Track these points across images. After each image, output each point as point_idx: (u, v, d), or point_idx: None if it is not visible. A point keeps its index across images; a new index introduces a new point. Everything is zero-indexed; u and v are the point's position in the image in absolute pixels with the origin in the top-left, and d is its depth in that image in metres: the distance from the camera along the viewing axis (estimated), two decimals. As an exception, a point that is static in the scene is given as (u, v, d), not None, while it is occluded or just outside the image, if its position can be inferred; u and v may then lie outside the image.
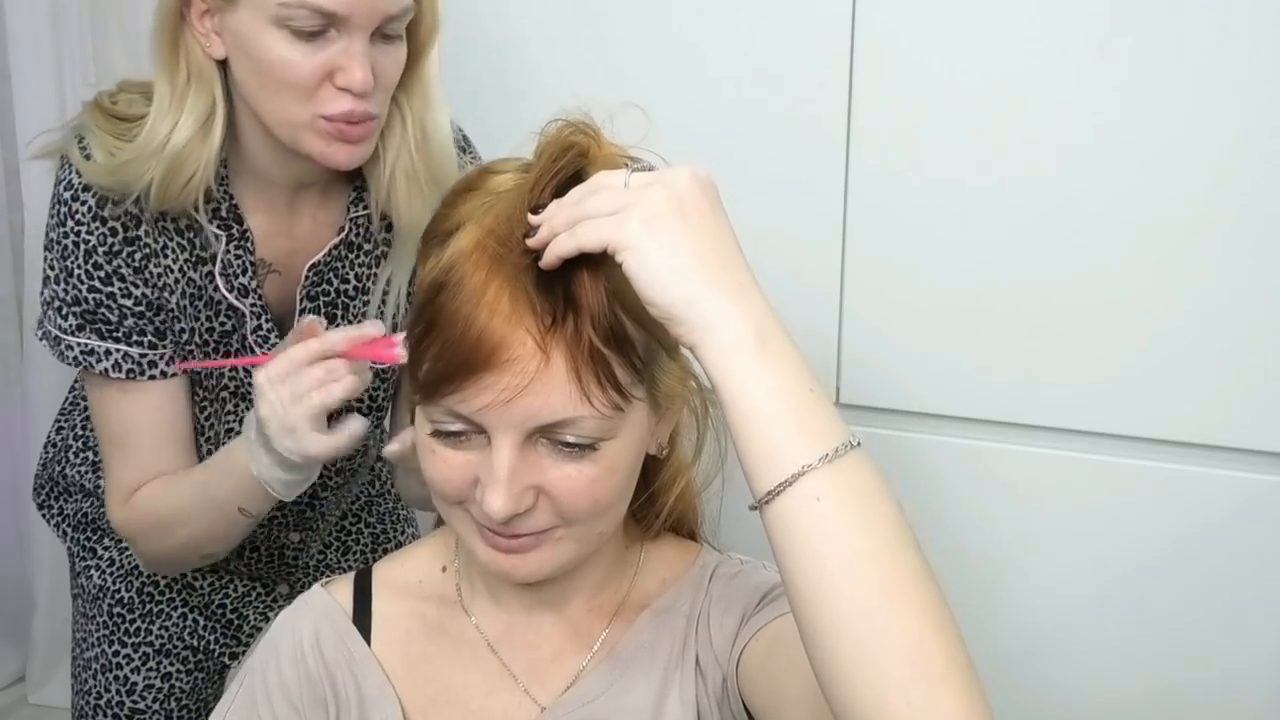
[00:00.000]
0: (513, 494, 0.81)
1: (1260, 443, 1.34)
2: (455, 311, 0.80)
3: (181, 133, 1.17)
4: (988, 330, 1.40)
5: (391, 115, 1.24)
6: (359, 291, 1.32)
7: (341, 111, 1.15)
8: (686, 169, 0.76)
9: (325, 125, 1.17)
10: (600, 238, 0.75)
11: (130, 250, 1.22)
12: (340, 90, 1.15)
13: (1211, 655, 1.40)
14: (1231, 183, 1.29)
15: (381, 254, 1.32)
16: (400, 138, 1.24)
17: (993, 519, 1.45)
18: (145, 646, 1.43)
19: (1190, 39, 1.28)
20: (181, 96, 1.18)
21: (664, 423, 0.90)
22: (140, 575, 1.43)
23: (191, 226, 1.24)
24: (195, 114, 1.18)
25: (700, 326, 0.73)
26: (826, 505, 0.70)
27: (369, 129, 1.19)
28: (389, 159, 1.25)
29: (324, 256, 1.30)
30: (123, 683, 1.43)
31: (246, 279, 1.26)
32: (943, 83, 1.37)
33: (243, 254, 1.26)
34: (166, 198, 1.19)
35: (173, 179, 1.18)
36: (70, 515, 1.47)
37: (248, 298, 1.27)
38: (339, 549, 1.52)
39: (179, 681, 1.45)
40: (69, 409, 1.48)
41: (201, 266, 1.25)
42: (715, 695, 0.90)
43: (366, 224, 1.31)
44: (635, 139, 0.87)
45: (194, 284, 1.26)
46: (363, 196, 1.30)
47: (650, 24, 1.47)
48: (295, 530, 1.43)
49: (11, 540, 2.54)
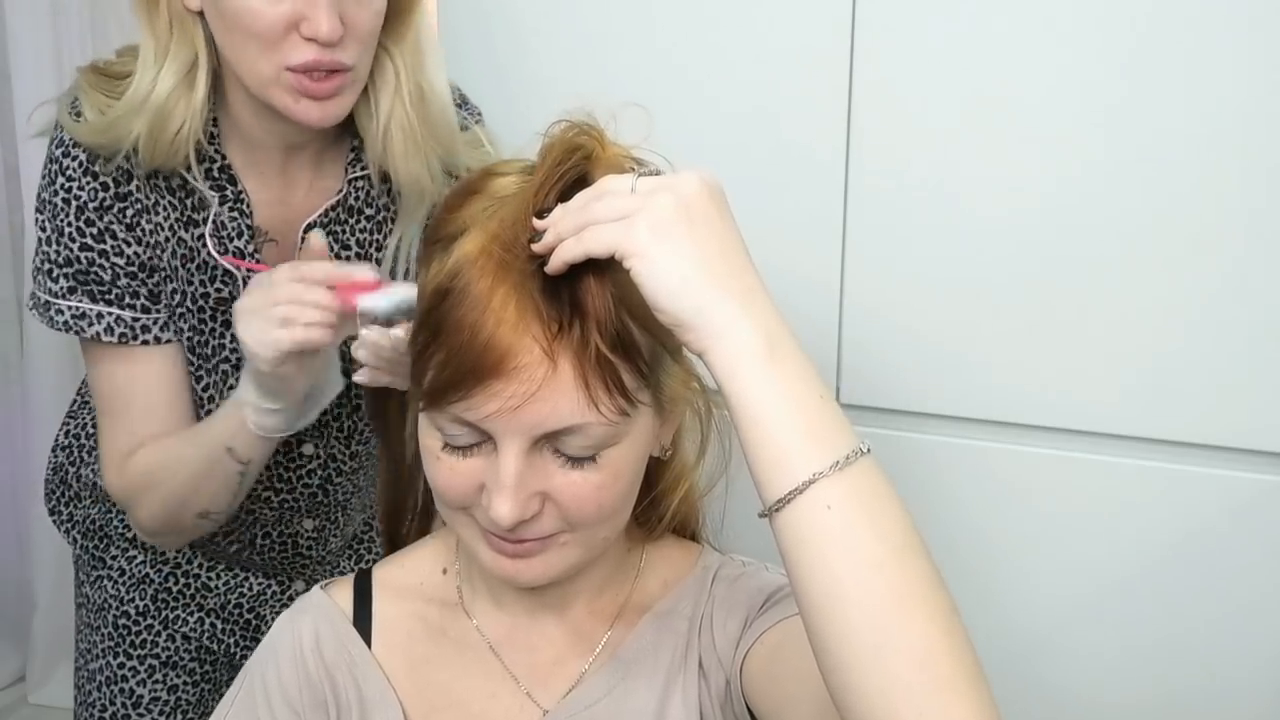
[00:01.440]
0: (519, 501, 0.81)
1: (1260, 443, 1.34)
2: (461, 319, 0.80)
3: (164, 83, 1.15)
4: (988, 330, 1.40)
5: (384, 69, 1.21)
6: (360, 258, 1.30)
7: (305, 61, 1.12)
8: (694, 174, 0.76)
9: (292, 79, 1.13)
10: (607, 244, 0.75)
11: (122, 206, 1.20)
12: (307, 40, 1.11)
13: (1212, 655, 1.40)
14: (1233, 183, 1.29)
15: (384, 219, 1.30)
16: (394, 93, 1.21)
17: (993, 519, 1.45)
18: (151, 659, 1.41)
19: (1192, 39, 1.27)
20: (164, 48, 1.16)
21: (668, 425, 0.90)
22: (153, 583, 1.41)
23: (184, 186, 1.22)
24: (177, 64, 1.16)
25: (709, 333, 0.72)
26: (838, 513, 0.70)
27: (339, 83, 1.15)
28: (383, 115, 1.22)
29: (320, 218, 1.26)
30: (128, 695, 1.40)
31: (242, 243, 1.24)
32: (943, 83, 1.36)
33: (238, 217, 1.23)
34: (156, 153, 1.17)
35: (160, 132, 1.16)
36: (80, 521, 1.45)
37: (244, 262, 1.24)
38: (352, 557, 1.50)
39: (185, 694, 1.42)
40: (77, 410, 1.46)
41: (193, 228, 1.23)
42: (718, 698, 0.90)
43: (367, 187, 1.28)
44: (638, 139, 0.87)
45: (185, 244, 1.23)
46: (361, 156, 1.27)
47: (650, 24, 1.47)
48: (309, 517, 1.40)
49: (11, 540, 2.54)
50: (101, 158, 1.18)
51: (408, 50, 1.22)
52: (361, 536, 1.51)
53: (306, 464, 1.35)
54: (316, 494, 1.38)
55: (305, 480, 1.36)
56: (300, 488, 1.36)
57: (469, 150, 1.30)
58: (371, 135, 1.24)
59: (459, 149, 1.29)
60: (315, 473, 1.36)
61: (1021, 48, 1.33)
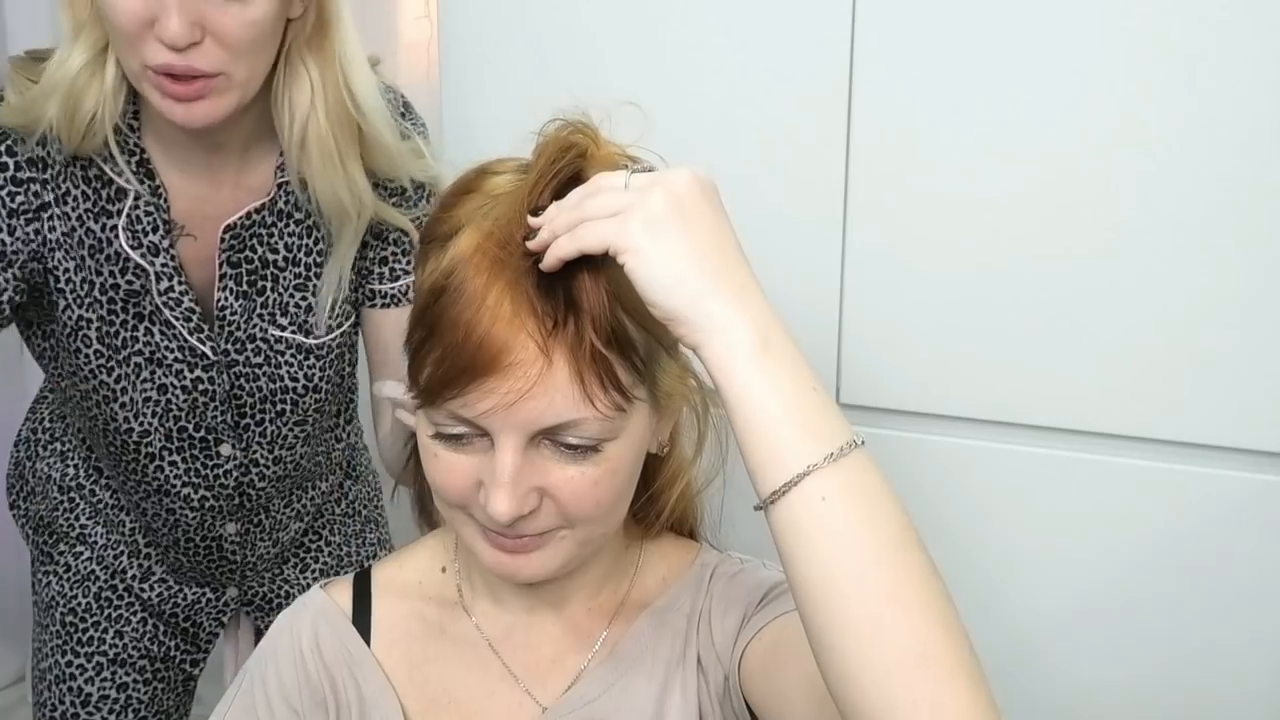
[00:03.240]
0: (517, 496, 0.81)
1: (1260, 443, 1.34)
2: (457, 316, 0.80)
3: (74, 61, 1.14)
4: (988, 330, 1.40)
5: (298, 79, 1.18)
6: (289, 263, 1.28)
7: (159, 63, 1.09)
8: (686, 170, 0.76)
9: (153, 77, 1.11)
10: (601, 239, 0.75)
11: (13, 190, 1.18)
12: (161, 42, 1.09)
13: (1211, 655, 1.40)
14: (1233, 183, 1.29)
15: (314, 223, 1.28)
16: (310, 104, 1.19)
17: (993, 519, 1.45)
18: (99, 656, 1.39)
19: (1192, 39, 1.27)
20: (79, 27, 1.14)
21: (664, 421, 0.90)
22: (97, 580, 1.40)
23: (100, 176, 1.21)
24: (87, 46, 1.14)
25: (703, 328, 0.73)
26: (833, 504, 0.70)
27: (202, 88, 1.11)
28: (297, 126, 1.20)
29: (241, 219, 1.25)
30: (76, 694, 1.39)
31: (156, 237, 1.22)
32: (943, 83, 1.36)
33: (154, 211, 1.22)
34: (71, 136, 1.16)
35: (72, 115, 1.14)
36: (32, 516, 1.45)
37: (158, 257, 1.23)
38: (297, 565, 1.48)
39: (136, 692, 1.41)
40: (37, 404, 1.47)
41: (105, 219, 1.21)
42: (717, 694, 0.90)
43: (295, 192, 1.26)
44: (632, 138, 0.87)
45: (93, 235, 1.21)
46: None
47: (650, 23, 1.47)
48: (231, 520, 1.38)
49: (11, 540, 2.54)
50: (20, 140, 1.17)
51: (326, 62, 1.19)
52: (308, 545, 1.49)
53: (224, 464, 1.34)
54: (233, 496, 1.36)
55: (222, 481, 1.34)
56: (218, 488, 1.34)
57: (410, 161, 1.29)
58: (287, 144, 1.22)
59: (399, 161, 1.27)
60: (231, 473, 1.34)
61: (1022, 48, 1.33)
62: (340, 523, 1.52)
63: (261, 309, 1.28)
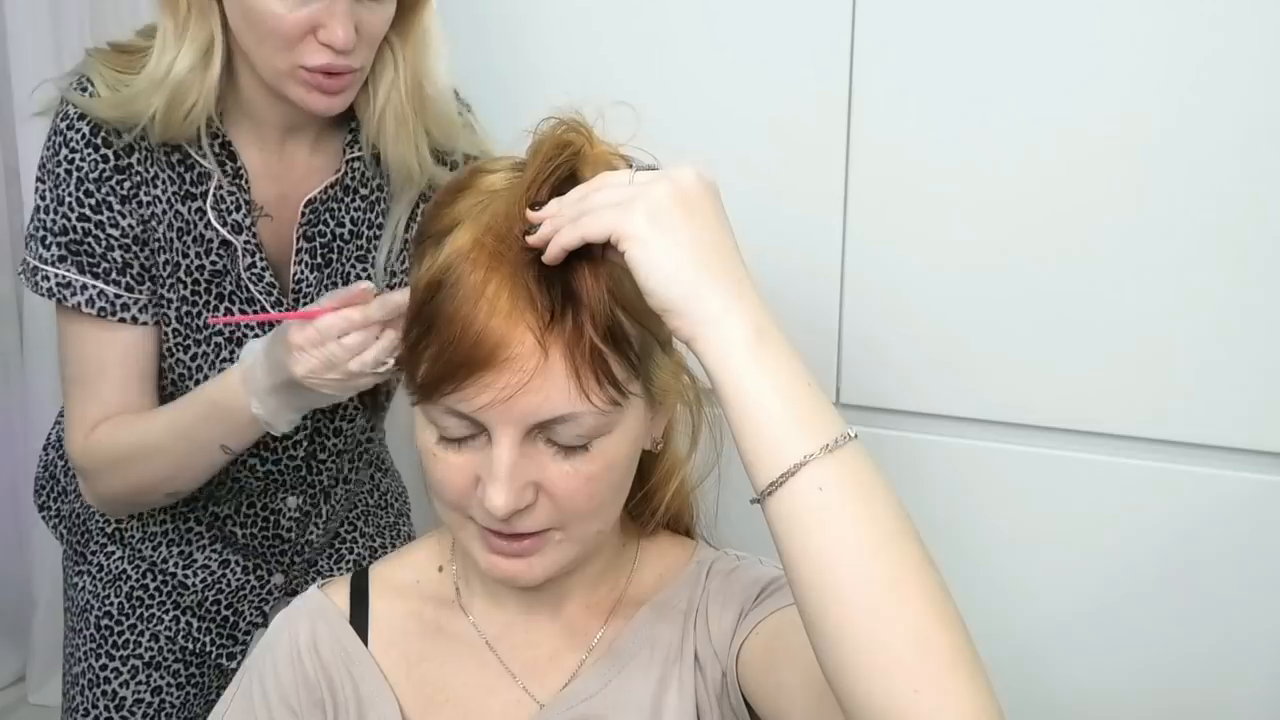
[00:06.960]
0: (514, 489, 0.82)
1: (1260, 443, 1.34)
2: (454, 311, 0.80)
3: (183, 62, 1.20)
4: (988, 330, 1.40)
5: (385, 61, 1.27)
6: (353, 235, 1.34)
7: (320, 64, 1.19)
8: (690, 168, 0.77)
9: (305, 75, 1.20)
10: (605, 227, 0.76)
11: (120, 178, 1.24)
12: (322, 45, 1.18)
13: (1211, 655, 1.40)
14: (1233, 183, 1.29)
15: (377, 199, 1.35)
16: (391, 82, 1.28)
17: (993, 519, 1.45)
18: (134, 660, 1.41)
19: (1193, 39, 1.27)
20: (183, 28, 1.21)
21: (659, 417, 0.90)
22: (130, 579, 1.41)
23: (185, 160, 1.26)
24: (196, 44, 1.21)
25: (699, 320, 0.73)
26: (830, 494, 0.70)
27: (348, 81, 1.22)
28: (379, 102, 1.28)
29: (320, 194, 1.32)
30: (110, 698, 1.40)
31: (239, 216, 1.28)
32: (943, 83, 1.36)
33: (237, 191, 1.28)
34: (169, 128, 1.22)
35: (175, 109, 1.21)
36: (66, 516, 1.46)
37: (241, 234, 1.28)
38: (332, 555, 1.50)
39: (169, 695, 1.42)
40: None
41: (190, 201, 1.27)
42: (714, 690, 0.90)
43: (362, 168, 1.34)
44: (625, 137, 0.88)
45: (181, 218, 1.27)
46: (357, 139, 1.33)
47: (650, 23, 1.47)
48: (293, 493, 1.41)
49: (11, 540, 2.54)
50: (112, 131, 1.23)
51: (410, 45, 1.28)
52: (344, 535, 1.51)
53: (294, 434, 1.37)
54: (301, 467, 1.40)
55: (291, 452, 1.38)
56: (286, 459, 1.38)
57: (466, 135, 1.36)
58: (368, 119, 1.30)
59: (457, 136, 1.35)
60: (301, 444, 1.38)
61: (1022, 48, 1.33)
62: (373, 514, 1.55)
63: (328, 280, 1.34)
